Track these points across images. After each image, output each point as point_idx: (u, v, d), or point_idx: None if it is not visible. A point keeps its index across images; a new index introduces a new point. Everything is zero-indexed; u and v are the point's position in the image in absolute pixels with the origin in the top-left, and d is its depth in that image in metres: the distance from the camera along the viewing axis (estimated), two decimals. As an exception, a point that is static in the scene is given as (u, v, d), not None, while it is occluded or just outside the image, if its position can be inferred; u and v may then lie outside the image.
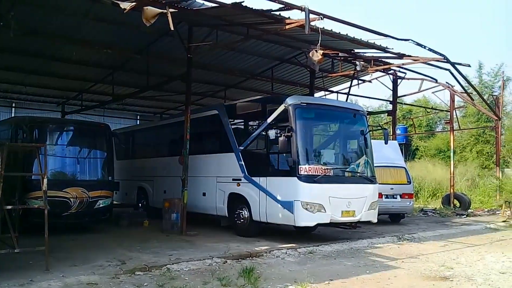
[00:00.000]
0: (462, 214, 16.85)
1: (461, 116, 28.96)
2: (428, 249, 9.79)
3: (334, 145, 11.13)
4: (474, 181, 24.21)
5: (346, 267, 7.85)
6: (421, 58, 12.80)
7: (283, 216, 9.47)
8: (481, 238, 11.63)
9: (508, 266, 8.00)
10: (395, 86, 17.38)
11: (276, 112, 9.78)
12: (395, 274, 7.36)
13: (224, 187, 10.99)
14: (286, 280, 6.77)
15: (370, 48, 12.00)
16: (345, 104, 11.82)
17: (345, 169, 10.29)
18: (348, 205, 9.64)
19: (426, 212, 17.60)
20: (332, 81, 17.91)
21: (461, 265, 8.07)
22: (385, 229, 12.31)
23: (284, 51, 14.62)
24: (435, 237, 11.62)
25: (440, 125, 32.42)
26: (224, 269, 7.41)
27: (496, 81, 28.54)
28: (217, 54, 13.90)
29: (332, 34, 10.23)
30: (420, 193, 22.23)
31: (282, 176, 9.66)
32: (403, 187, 14.11)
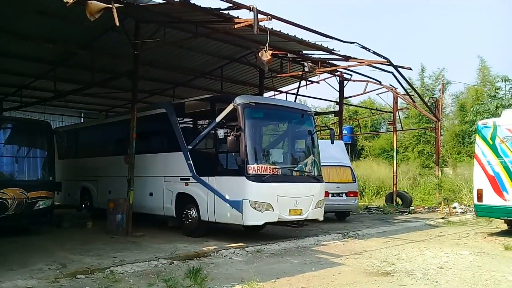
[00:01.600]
0: (404, 211, 17.53)
1: (404, 117, 30.15)
2: (371, 245, 10.11)
3: (282, 144, 11.25)
4: (415, 180, 25.26)
5: (292, 265, 7.96)
6: (366, 60, 13.22)
7: (232, 215, 9.46)
8: (421, 234, 12.14)
9: (445, 261, 8.40)
10: (342, 88, 17.84)
11: (225, 111, 9.75)
12: (339, 270, 7.54)
13: (172, 186, 10.83)
14: (233, 279, 6.77)
15: (317, 49, 12.23)
16: (293, 104, 11.99)
17: (292, 169, 10.44)
18: (296, 203, 9.77)
19: (370, 210, 18.17)
20: (281, 81, 18.12)
21: (402, 261, 8.39)
22: (331, 227, 12.59)
23: (234, 50, 14.62)
24: (378, 234, 12.02)
25: (384, 126, 33.61)
26: (170, 270, 7.29)
27: (437, 84, 29.94)
28: (165, 51, 13.67)
29: (281, 35, 10.32)
30: (365, 191, 22.92)
31: (231, 175, 9.65)
32: (348, 185, 14.50)
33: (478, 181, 11.92)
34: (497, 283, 6.75)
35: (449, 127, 29.38)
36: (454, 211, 17.43)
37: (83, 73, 14.40)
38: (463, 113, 27.68)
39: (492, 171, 11.63)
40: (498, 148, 11.62)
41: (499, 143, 11.63)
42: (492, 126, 11.89)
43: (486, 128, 11.99)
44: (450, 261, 8.41)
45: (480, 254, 9.15)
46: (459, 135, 27.60)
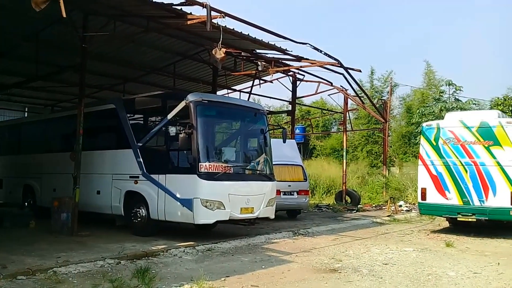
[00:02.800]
0: (353, 209, 18.01)
1: (353, 118, 30.93)
2: (320, 243, 10.30)
3: (234, 143, 11.25)
4: (364, 179, 26.01)
5: (243, 263, 7.97)
6: (318, 61, 13.47)
7: (182, 214, 9.35)
8: (368, 231, 12.51)
9: (390, 258, 8.69)
10: (295, 88, 18.07)
11: (177, 108, 9.62)
12: (289, 268, 7.63)
13: (121, 184, 10.55)
14: (183, 279, 6.68)
15: (271, 49, 12.32)
16: (246, 103, 12.00)
17: (245, 167, 10.44)
18: (247, 202, 9.78)
19: (320, 208, 18.53)
20: (234, 80, 18.10)
21: (349, 258, 8.60)
22: (282, 225, 12.72)
23: (187, 47, 14.45)
24: (328, 231, 12.27)
25: (335, 126, 34.34)
26: (117, 270, 7.10)
27: (385, 86, 30.92)
28: (116, 45, 13.29)
29: (234, 33, 10.32)
30: (316, 189, 23.35)
31: (182, 173, 9.54)
32: (300, 184, 14.70)
33: (422, 181, 12.42)
34: (438, 279, 7.04)
35: (396, 128, 30.45)
36: (399, 209, 18.08)
37: (27, 66, 13.72)
38: (409, 115, 28.76)
39: (435, 171, 12.15)
40: (441, 149, 12.15)
41: (442, 144, 12.16)
42: (435, 128, 12.42)
43: (430, 130, 12.50)
44: (394, 257, 8.70)
45: (423, 250, 9.53)
46: (405, 136, 28.67)
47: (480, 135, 11.68)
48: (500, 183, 11.24)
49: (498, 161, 11.31)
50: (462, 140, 11.88)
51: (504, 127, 11.44)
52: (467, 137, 11.84)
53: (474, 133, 11.76)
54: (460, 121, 12.17)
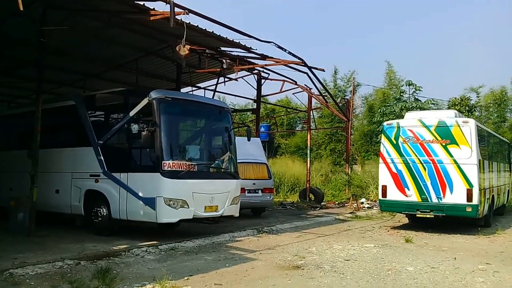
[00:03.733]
0: (316, 206, 18.24)
1: (317, 116, 31.32)
2: (284, 240, 10.38)
3: (198, 141, 11.17)
4: (327, 176, 26.40)
5: (206, 261, 7.93)
6: (282, 60, 13.55)
7: (145, 213, 9.21)
8: (331, 228, 12.70)
9: (352, 254, 8.86)
10: (259, 86, 18.10)
11: (139, 105, 9.47)
12: (252, 265, 7.65)
13: (81, 183, 10.28)
14: (145, 278, 6.59)
15: (235, 47, 12.31)
16: (211, 101, 11.92)
17: (209, 165, 10.41)
18: (212, 200, 9.75)
19: (285, 206, 18.67)
20: (199, 77, 17.97)
21: (312, 254, 8.71)
22: (247, 223, 12.73)
23: (151, 43, 14.23)
24: (291, 228, 12.38)
25: (300, 125, 34.67)
26: (76, 271, 6.93)
27: (348, 86, 31.43)
28: (76, 40, 12.92)
29: (198, 30, 10.25)
30: (280, 187, 23.50)
31: (145, 171, 9.41)
32: (264, 182, 14.76)
33: (383, 178, 12.73)
34: (397, 274, 7.24)
35: (358, 127, 31.03)
36: (361, 206, 18.45)
37: (-18, 60, 13.18)
38: (371, 114, 29.38)
39: (395, 169, 12.48)
40: (401, 147, 12.48)
41: (401, 142, 12.50)
42: (396, 127, 12.75)
43: (390, 129, 12.82)
44: (356, 253, 8.88)
45: (384, 246, 9.77)
46: (367, 135, 29.25)
47: (438, 134, 12.07)
48: (457, 180, 11.66)
49: (455, 159, 11.73)
50: (421, 139, 12.25)
51: (461, 127, 11.88)
52: (425, 136, 12.21)
53: (433, 132, 12.15)
54: (419, 120, 12.54)
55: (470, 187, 11.47)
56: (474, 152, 11.63)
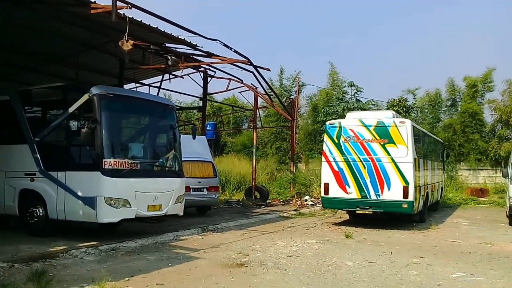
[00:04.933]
0: (262, 204, 18.40)
1: (264, 115, 31.58)
2: (229, 238, 10.41)
3: (142, 138, 10.95)
4: (273, 175, 26.69)
5: (149, 261, 7.80)
6: (228, 59, 13.55)
7: (84, 213, 8.91)
8: (275, 225, 12.88)
9: (294, 250, 9.04)
10: (205, 84, 18.00)
11: (79, 101, 9.13)
12: (196, 264, 7.62)
13: (15, 182, 9.76)
14: (83, 280, 6.39)
15: (181, 43, 12.17)
16: (155, 98, 11.73)
17: (152, 163, 10.23)
18: (155, 199, 9.59)
19: (230, 204, 18.68)
20: (143, 73, 17.57)
21: (256, 252, 8.80)
22: (192, 221, 12.63)
23: (92, 37, 13.71)
24: (236, 226, 12.43)
25: (246, 123, 34.80)
26: (10, 274, 6.59)
27: (293, 86, 31.90)
28: (12, 32, 12.23)
29: (142, 25, 10.04)
30: (226, 186, 23.46)
31: (84, 170, 9.09)
32: (209, 180, 14.70)
33: (325, 176, 13.07)
34: (337, 269, 7.47)
35: (303, 126, 31.57)
36: (305, 203, 18.82)
37: None
38: (315, 113, 30.01)
39: (337, 167, 12.85)
40: (342, 146, 12.87)
41: (343, 142, 12.89)
42: (338, 126, 13.12)
43: (332, 128, 13.18)
44: (298, 250, 9.07)
45: (325, 242, 10.05)
46: (311, 134, 29.84)
47: (377, 133, 12.55)
48: (394, 178, 12.19)
49: (392, 158, 12.25)
50: (361, 138, 12.69)
51: (398, 127, 12.42)
52: (365, 135, 12.66)
53: (372, 131, 12.61)
54: (359, 120, 12.99)
55: (406, 184, 12.03)
56: (410, 151, 12.20)
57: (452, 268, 7.61)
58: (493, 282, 6.75)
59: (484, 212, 17.44)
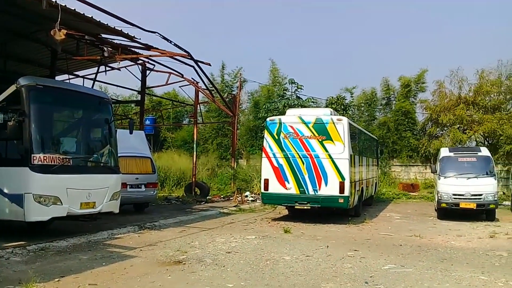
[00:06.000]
0: (202, 201, 18.26)
1: (205, 110, 31.32)
2: (167, 235, 10.21)
3: (75, 133, 10.43)
4: (213, 171, 26.56)
5: (81, 261, 7.48)
6: (168, 52, 13.27)
7: (11, 211, 8.39)
8: (215, 222, 12.81)
9: (233, 246, 9.02)
10: (144, 77, 17.55)
11: (5, 93, 8.62)
12: (131, 263, 7.39)
13: None
14: (9, 282, 6.01)
15: (117, 35, 11.76)
16: (89, 90, 11.21)
17: (86, 159, 9.81)
18: (88, 196, 9.20)
19: (169, 201, 18.38)
20: (77, 65, 16.82)
21: (195, 249, 8.69)
22: (128, 219, 12.27)
23: (22, 25, 12.90)
24: (175, 223, 12.23)
25: (187, 118, 34.33)
26: None
27: (235, 81, 31.86)
28: None
29: (76, 13, 9.59)
30: (166, 182, 23.05)
31: (12, 166, 8.57)
32: (148, 176, 14.35)
33: (265, 172, 13.18)
34: (275, 263, 7.54)
35: (244, 122, 31.64)
36: (246, 199, 18.91)
37: None
38: (257, 109, 30.16)
39: (276, 163, 12.99)
40: (282, 142, 13.03)
41: (283, 138, 13.05)
42: (278, 123, 13.27)
43: (273, 125, 13.31)
44: (238, 245, 9.07)
45: (264, 237, 10.12)
46: (253, 130, 29.97)
47: (315, 130, 12.82)
48: (331, 174, 12.52)
49: (329, 154, 12.57)
50: (300, 135, 12.91)
51: (335, 124, 12.76)
52: (304, 132, 12.90)
53: (311, 128, 12.87)
54: (299, 117, 13.20)
55: (342, 180, 12.39)
56: (346, 147, 12.57)
57: (384, 260, 7.92)
58: (421, 273, 7.09)
59: (415, 206, 18.37)
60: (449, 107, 24.23)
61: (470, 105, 24.34)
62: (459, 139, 23.54)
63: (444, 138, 24.97)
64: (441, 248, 9.24)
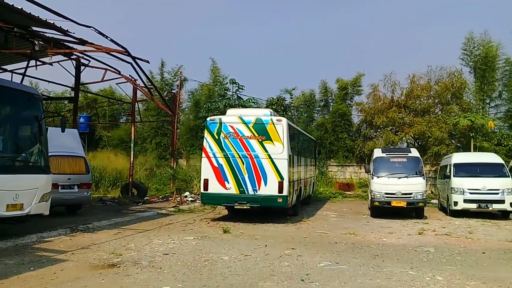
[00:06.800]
0: (139, 202, 17.79)
1: (143, 109, 30.60)
2: (101, 238, 9.84)
3: (1, 130, 9.76)
4: (152, 171, 25.99)
5: (7, 266, 7.04)
6: (104, 47, 12.82)
7: None
8: (153, 223, 12.52)
9: (171, 248, 8.86)
10: (78, 73, 16.82)
11: None
12: (62, 267, 7.05)
13: None
14: None
15: (50, 28, 11.20)
16: (18, 86, 10.52)
17: (13, 158, 9.23)
18: (16, 197, 8.69)
19: (104, 202, 17.73)
20: (5, 58, 15.82)
21: (131, 251, 8.44)
22: (59, 221, 11.69)
23: None
24: (110, 225, 11.82)
25: (124, 117, 33.38)
26: None
27: (175, 80, 31.40)
28: None
29: (4, 4, 9.00)
30: (101, 182, 22.24)
31: None
32: (81, 177, 13.74)
33: (205, 172, 13.07)
34: (213, 264, 7.49)
35: (185, 121, 31.26)
36: (185, 199, 18.66)
37: None
38: (197, 109, 29.89)
39: (216, 163, 12.93)
40: (222, 142, 13.00)
41: (223, 138, 13.01)
42: (218, 123, 13.21)
43: (213, 124, 13.24)
44: (175, 247, 8.92)
45: (203, 238, 10.03)
46: (193, 129, 29.68)
47: (255, 130, 12.91)
48: (270, 174, 12.65)
49: (269, 154, 12.70)
50: (241, 135, 12.94)
51: (275, 124, 12.92)
52: (244, 132, 12.94)
53: (251, 128, 12.94)
54: (239, 117, 13.23)
55: (281, 179, 12.57)
56: (285, 148, 12.76)
57: (320, 258, 8.12)
58: (355, 269, 7.33)
59: (350, 205, 19.02)
60: (383, 110, 25.30)
61: (402, 108, 25.57)
62: (392, 140, 24.66)
63: (377, 140, 26.03)
64: (373, 245, 9.61)
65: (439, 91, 24.97)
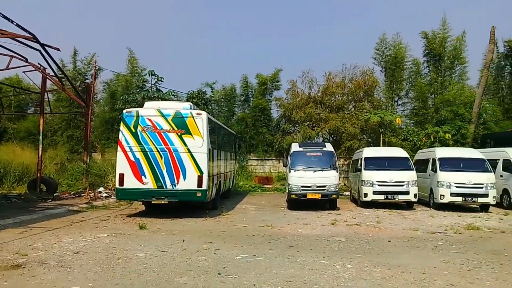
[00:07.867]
0: (48, 198, 16.75)
1: (54, 99, 28.77)
2: (4, 237, 9.13)
3: None
4: (63, 165, 24.55)
5: None
6: (10, 33, 11.85)
7: None
8: (63, 221, 11.85)
9: (82, 246, 8.45)
10: (-21, 59, 15.39)
11: None
12: (-43, 271, 6.43)
13: None
14: None
15: None
16: None
17: None
18: None
19: (9, 199, 16.49)
20: None
21: (37, 250, 7.93)
22: (-45, 221, 10.69)
23: None
24: (15, 224, 11.01)
25: (32, 107, 31.15)
26: None
27: (89, 69, 29.85)
28: None
29: None
30: (5, 178, 20.63)
31: None
32: (-19, 172, 12.65)
33: (121, 166, 12.60)
34: (128, 261, 7.26)
35: (99, 113, 29.83)
36: (99, 195, 17.90)
37: None
38: (113, 100, 28.65)
39: (133, 157, 12.52)
40: (140, 136, 12.60)
41: (140, 131, 12.63)
42: (135, 115, 12.78)
43: (130, 117, 12.78)
44: (87, 245, 8.52)
45: (117, 235, 9.68)
46: (108, 122, 28.43)
47: (174, 124, 12.67)
48: (190, 168, 12.51)
49: (188, 148, 12.54)
50: (159, 128, 12.64)
51: (195, 118, 12.78)
52: (163, 125, 12.66)
53: (170, 122, 12.68)
54: (157, 110, 12.90)
55: (200, 174, 12.48)
56: (205, 142, 12.68)
57: (237, 251, 8.19)
58: (271, 260, 7.49)
59: (269, 198, 19.41)
60: (301, 106, 26.06)
61: (318, 104, 26.52)
62: (309, 135, 25.50)
63: (296, 134, 26.77)
64: (289, 236, 9.89)
65: (353, 89, 26.20)
